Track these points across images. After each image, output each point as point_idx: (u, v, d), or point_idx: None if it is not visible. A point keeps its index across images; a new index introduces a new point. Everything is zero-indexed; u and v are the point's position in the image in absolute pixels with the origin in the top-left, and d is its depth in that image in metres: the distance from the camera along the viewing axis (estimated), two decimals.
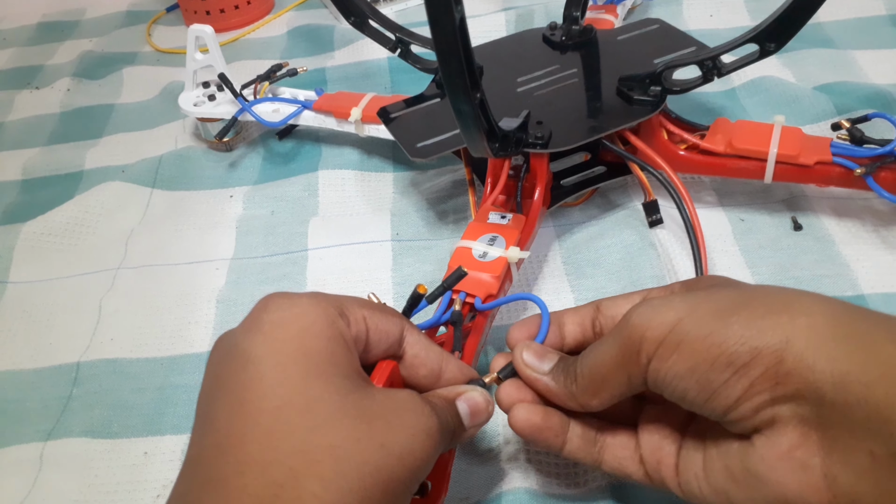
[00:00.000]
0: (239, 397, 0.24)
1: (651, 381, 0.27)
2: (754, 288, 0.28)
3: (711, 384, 0.25)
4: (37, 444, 0.42)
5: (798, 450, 0.24)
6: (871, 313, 0.25)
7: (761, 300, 0.26)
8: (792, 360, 0.24)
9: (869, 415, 0.23)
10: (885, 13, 0.69)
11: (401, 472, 0.24)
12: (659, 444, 0.30)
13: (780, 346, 0.24)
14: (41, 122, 0.72)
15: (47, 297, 0.51)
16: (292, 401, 0.24)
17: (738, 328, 0.25)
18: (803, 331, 0.24)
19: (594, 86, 0.50)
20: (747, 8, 0.73)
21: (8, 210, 0.60)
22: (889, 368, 0.23)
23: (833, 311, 0.25)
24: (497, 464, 0.38)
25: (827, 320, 0.24)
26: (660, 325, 0.26)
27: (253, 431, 0.23)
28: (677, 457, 0.30)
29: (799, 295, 0.26)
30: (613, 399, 0.29)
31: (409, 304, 0.34)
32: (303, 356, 0.25)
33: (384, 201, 0.56)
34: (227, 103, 0.61)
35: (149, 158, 0.63)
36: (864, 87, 0.59)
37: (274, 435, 0.23)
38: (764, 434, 0.25)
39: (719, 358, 0.25)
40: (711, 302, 0.26)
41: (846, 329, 0.24)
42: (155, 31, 0.87)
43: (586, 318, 0.34)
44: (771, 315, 0.25)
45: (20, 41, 0.89)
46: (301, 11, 0.85)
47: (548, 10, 0.75)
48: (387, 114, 0.50)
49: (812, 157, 0.45)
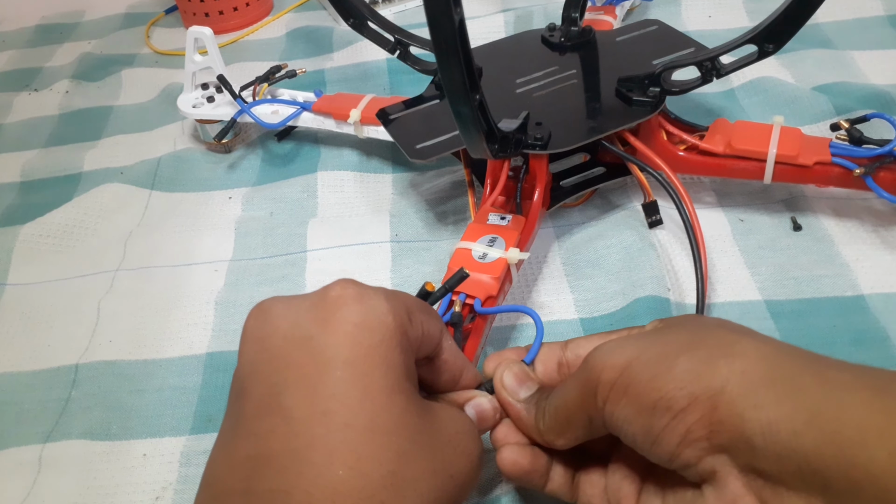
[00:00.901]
0: (322, 402, 0.23)
1: (607, 423, 0.27)
2: (708, 329, 0.27)
3: (653, 429, 0.25)
4: (35, 446, 0.42)
5: (742, 501, 0.24)
6: (805, 355, 0.25)
7: (708, 342, 0.25)
8: (725, 408, 0.23)
9: (800, 465, 0.22)
10: (883, 14, 0.69)
11: (458, 496, 0.25)
12: (619, 484, 0.30)
13: (715, 392, 0.24)
14: (40, 123, 0.72)
15: (46, 298, 0.51)
16: (380, 422, 0.23)
17: (680, 372, 0.25)
18: (737, 376, 0.24)
19: (593, 87, 0.50)
20: (746, 9, 0.73)
21: (6, 212, 0.60)
22: (815, 416, 0.22)
23: (768, 354, 0.24)
24: (496, 464, 0.37)
25: (759, 364, 0.24)
26: (612, 367, 0.26)
27: (340, 450, 0.22)
28: (637, 500, 0.29)
29: (742, 336, 0.26)
30: (578, 440, 0.29)
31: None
32: (387, 370, 0.24)
33: (383, 202, 0.56)
34: (225, 105, 0.61)
35: (147, 160, 0.63)
36: (863, 87, 0.59)
37: (363, 460, 0.22)
38: (710, 484, 0.25)
39: (660, 402, 0.25)
40: (660, 344, 0.26)
41: (776, 373, 0.24)
42: (154, 33, 0.87)
43: (552, 358, 0.33)
44: (712, 360, 0.25)
45: (19, 43, 0.89)
46: (300, 13, 0.85)
47: (547, 11, 0.75)
48: (386, 115, 0.50)
49: (811, 157, 0.45)
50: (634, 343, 0.27)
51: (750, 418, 0.23)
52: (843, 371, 0.24)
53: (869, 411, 0.22)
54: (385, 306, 0.25)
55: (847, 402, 0.22)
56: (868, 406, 0.22)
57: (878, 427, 0.21)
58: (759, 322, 0.43)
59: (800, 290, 0.44)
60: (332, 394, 0.23)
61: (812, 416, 0.22)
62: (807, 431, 0.22)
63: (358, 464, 0.22)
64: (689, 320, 0.30)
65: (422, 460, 0.23)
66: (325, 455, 0.22)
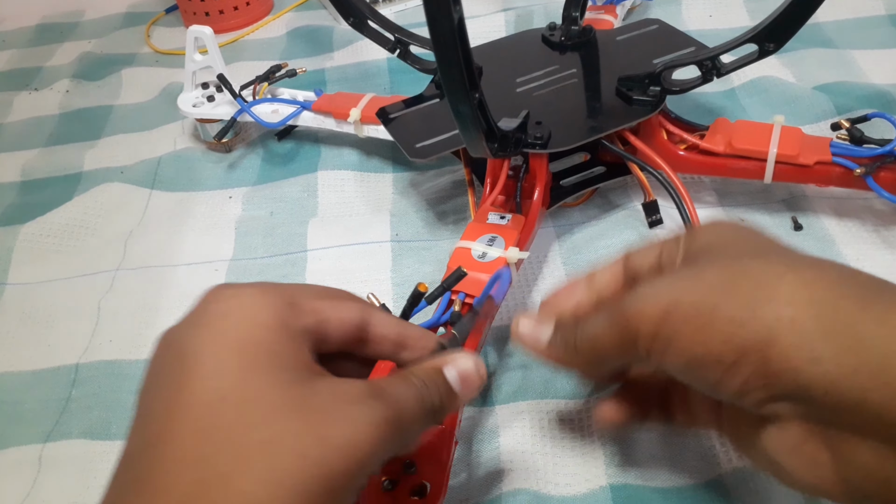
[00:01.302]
0: (174, 392, 0.23)
1: (656, 368, 0.27)
2: (745, 263, 0.26)
3: (708, 380, 0.25)
4: (35, 446, 0.42)
5: (805, 445, 0.24)
6: (861, 291, 0.24)
7: (747, 281, 0.25)
8: (777, 362, 0.23)
9: (868, 419, 0.22)
10: (884, 13, 0.69)
11: (344, 465, 0.23)
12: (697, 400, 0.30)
13: (764, 343, 0.23)
14: (40, 123, 0.72)
15: (46, 298, 0.51)
16: (228, 395, 0.23)
17: (723, 323, 0.24)
18: (786, 326, 0.23)
19: (593, 86, 0.50)
20: (746, 8, 0.73)
21: (7, 211, 0.60)
22: (882, 369, 0.22)
23: (818, 297, 0.23)
24: (497, 464, 0.37)
25: (810, 310, 0.23)
26: (650, 319, 0.26)
27: (184, 428, 0.22)
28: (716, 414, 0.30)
29: (786, 271, 0.25)
30: (617, 370, 0.31)
31: (409, 303, 0.34)
32: (243, 348, 0.24)
33: (383, 202, 0.56)
34: (226, 104, 0.61)
35: (148, 159, 0.63)
36: (864, 86, 0.59)
37: (206, 431, 0.22)
38: (775, 425, 0.25)
39: (707, 357, 0.24)
40: (697, 287, 0.26)
41: (831, 319, 0.23)
42: (154, 33, 0.87)
43: (618, 273, 0.32)
44: (756, 305, 0.24)
45: (19, 43, 0.89)
46: (300, 12, 0.85)
47: (547, 10, 0.75)
48: (386, 114, 0.50)
49: (812, 157, 0.45)
50: (669, 287, 0.26)
51: (808, 372, 0.22)
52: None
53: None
54: (249, 293, 0.25)
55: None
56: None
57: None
58: None
59: None
60: (182, 381, 0.23)
61: (878, 369, 0.21)
62: (874, 387, 0.21)
63: (199, 435, 0.22)
64: (722, 242, 0.28)
65: (278, 424, 0.22)
66: (169, 435, 0.22)
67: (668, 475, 0.36)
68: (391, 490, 0.31)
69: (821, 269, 0.25)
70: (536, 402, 0.40)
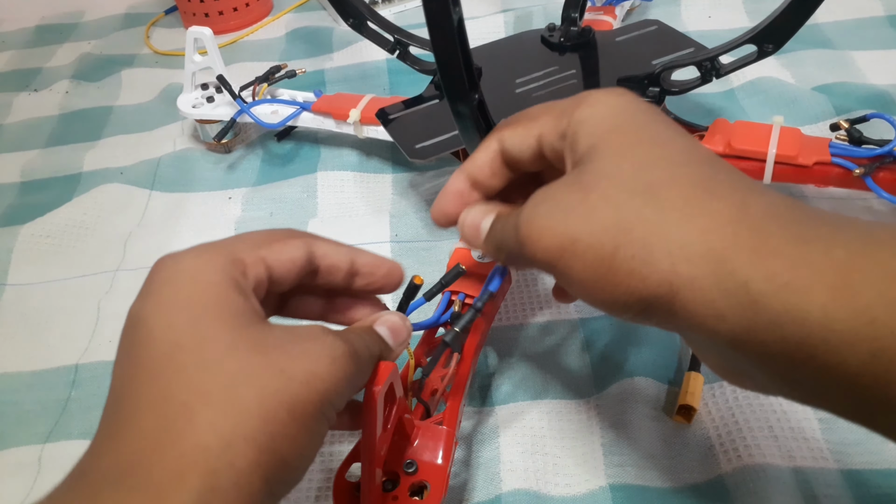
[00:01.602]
0: (133, 357, 0.24)
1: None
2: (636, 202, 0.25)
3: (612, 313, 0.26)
4: (35, 447, 0.42)
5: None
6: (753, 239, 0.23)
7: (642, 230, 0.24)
8: (683, 316, 0.23)
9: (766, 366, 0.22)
10: (883, 14, 0.69)
11: (307, 395, 0.23)
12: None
13: (668, 300, 0.23)
14: (40, 124, 0.72)
15: (46, 299, 0.51)
16: (181, 343, 0.23)
17: (622, 276, 0.24)
18: (687, 285, 0.23)
19: (593, 87, 0.50)
20: (746, 9, 0.73)
21: (6, 212, 0.60)
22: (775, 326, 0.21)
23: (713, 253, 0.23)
24: (496, 464, 0.38)
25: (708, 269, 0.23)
26: (545, 252, 0.26)
27: (144, 379, 0.23)
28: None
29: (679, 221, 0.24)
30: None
31: (405, 296, 0.34)
32: (190, 305, 0.24)
33: (383, 202, 0.56)
34: (225, 105, 0.61)
35: (147, 160, 0.63)
36: (863, 87, 0.59)
37: (163, 377, 0.23)
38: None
39: (612, 304, 0.25)
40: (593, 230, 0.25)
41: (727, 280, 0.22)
42: (153, 34, 0.87)
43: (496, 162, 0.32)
44: (654, 259, 0.23)
45: (19, 43, 0.89)
46: (300, 13, 0.85)
47: (546, 11, 0.75)
48: (385, 115, 0.50)
49: (811, 157, 0.45)
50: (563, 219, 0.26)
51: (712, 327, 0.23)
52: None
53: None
54: (190, 257, 0.26)
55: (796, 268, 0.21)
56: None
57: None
58: None
59: None
60: (137, 346, 0.24)
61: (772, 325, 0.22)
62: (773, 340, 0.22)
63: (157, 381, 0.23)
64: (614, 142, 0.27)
65: (236, 361, 0.23)
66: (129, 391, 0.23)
67: (668, 475, 0.36)
68: (391, 490, 0.31)
69: (716, 210, 0.24)
70: (536, 402, 0.40)
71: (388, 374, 0.28)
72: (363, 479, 0.30)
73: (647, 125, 0.27)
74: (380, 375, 0.28)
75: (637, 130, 0.27)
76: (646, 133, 0.27)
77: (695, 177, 0.25)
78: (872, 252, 0.21)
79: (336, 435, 0.40)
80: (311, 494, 0.37)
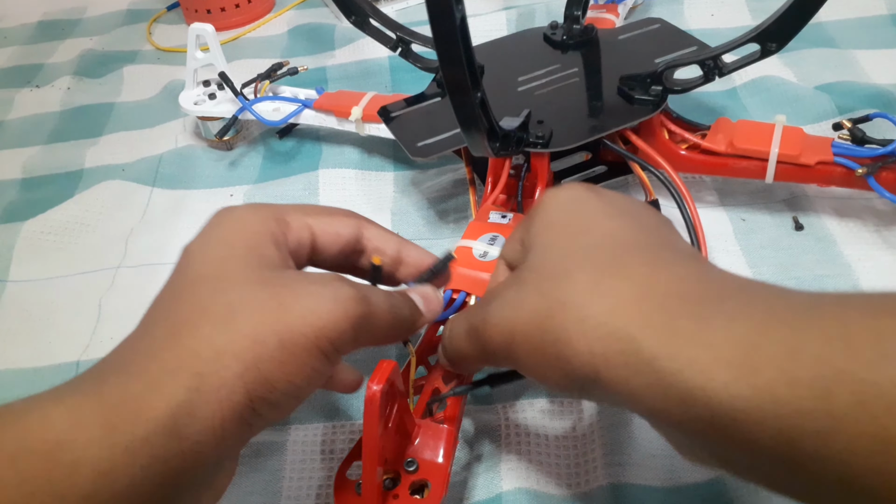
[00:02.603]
0: (169, 282, 0.28)
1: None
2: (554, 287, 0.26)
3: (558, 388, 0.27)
4: None
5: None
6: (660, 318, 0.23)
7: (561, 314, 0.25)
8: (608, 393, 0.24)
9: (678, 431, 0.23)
10: (886, 13, 0.69)
11: (301, 328, 0.26)
12: None
13: (591, 379, 0.24)
14: (41, 120, 0.72)
15: (47, 295, 0.51)
16: (206, 274, 0.27)
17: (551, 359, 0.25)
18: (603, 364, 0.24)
19: (595, 85, 0.50)
20: (749, 7, 0.73)
21: (8, 209, 0.60)
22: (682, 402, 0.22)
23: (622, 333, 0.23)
24: (497, 464, 0.38)
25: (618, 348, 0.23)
26: (499, 345, 0.28)
27: (167, 301, 0.27)
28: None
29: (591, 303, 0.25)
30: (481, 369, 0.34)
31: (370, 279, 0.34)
32: (227, 244, 0.28)
33: (385, 200, 0.56)
34: (227, 102, 0.61)
35: (149, 157, 0.63)
36: (866, 86, 0.59)
37: (182, 299, 0.27)
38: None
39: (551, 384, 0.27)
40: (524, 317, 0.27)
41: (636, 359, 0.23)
42: (155, 30, 0.87)
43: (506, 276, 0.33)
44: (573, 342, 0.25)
45: (21, 40, 0.88)
46: (302, 10, 0.85)
47: (549, 9, 0.75)
48: (387, 113, 0.50)
49: (813, 156, 0.45)
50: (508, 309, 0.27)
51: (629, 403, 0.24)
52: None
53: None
54: (242, 209, 0.30)
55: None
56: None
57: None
58: None
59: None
60: (176, 274, 0.28)
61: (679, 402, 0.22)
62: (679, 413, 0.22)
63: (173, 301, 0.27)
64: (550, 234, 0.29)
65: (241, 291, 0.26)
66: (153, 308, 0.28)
67: (668, 475, 0.36)
68: (392, 488, 0.31)
69: (622, 289, 0.25)
70: (537, 400, 0.40)
71: (389, 372, 0.28)
72: (364, 478, 0.30)
73: (579, 215, 0.29)
74: (380, 374, 0.28)
75: (568, 223, 0.29)
76: (575, 223, 0.29)
77: (605, 257, 0.26)
78: (773, 328, 0.21)
79: (336, 434, 0.40)
80: (312, 493, 0.38)
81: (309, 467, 0.39)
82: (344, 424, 0.40)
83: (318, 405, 0.42)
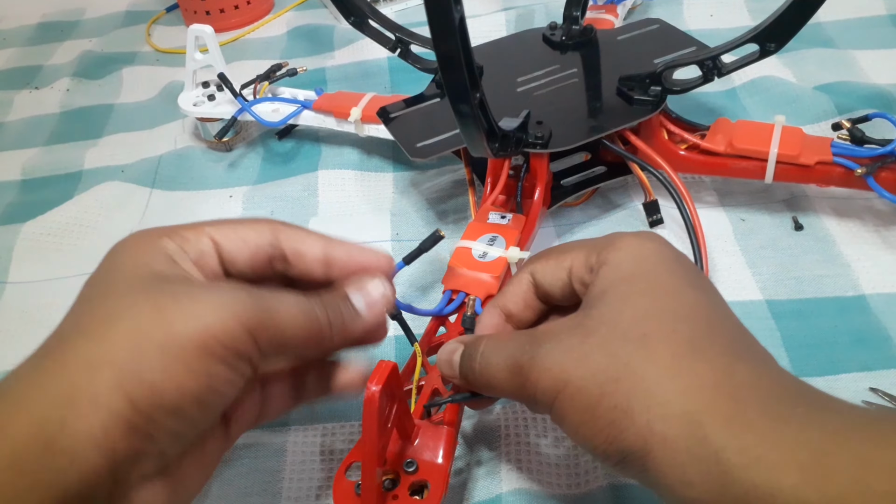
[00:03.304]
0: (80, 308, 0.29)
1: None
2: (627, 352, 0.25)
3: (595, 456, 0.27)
4: None
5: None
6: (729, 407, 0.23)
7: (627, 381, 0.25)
8: (654, 475, 0.24)
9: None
10: (885, 13, 0.69)
11: (184, 332, 0.25)
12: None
13: (641, 456, 0.24)
14: (41, 122, 0.72)
15: (46, 297, 0.51)
16: (89, 294, 0.28)
17: (604, 423, 0.25)
18: (660, 444, 0.23)
19: (594, 86, 0.50)
20: (748, 8, 0.73)
21: (7, 210, 0.60)
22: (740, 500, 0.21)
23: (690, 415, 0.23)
24: (497, 464, 0.37)
25: (682, 431, 0.23)
26: (544, 393, 0.27)
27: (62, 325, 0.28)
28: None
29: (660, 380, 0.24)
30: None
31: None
32: (112, 265, 0.29)
33: (384, 201, 0.56)
34: (226, 103, 0.61)
35: (148, 158, 0.63)
36: (865, 86, 0.59)
37: (67, 322, 0.28)
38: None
39: (593, 449, 0.26)
40: (584, 373, 0.26)
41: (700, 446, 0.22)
42: (154, 31, 0.87)
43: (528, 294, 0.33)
44: (633, 412, 0.24)
45: (20, 41, 0.88)
46: (301, 11, 0.85)
47: (548, 9, 0.75)
48: (386, 113, 0.50)
49: (813, 157, 0.45)
50: (563, 359, 0.26)
51: (679, 493, 0.23)
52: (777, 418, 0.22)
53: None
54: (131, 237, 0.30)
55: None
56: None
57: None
58: (760, 322, 0.43)
59: (801, 290, 0.44)
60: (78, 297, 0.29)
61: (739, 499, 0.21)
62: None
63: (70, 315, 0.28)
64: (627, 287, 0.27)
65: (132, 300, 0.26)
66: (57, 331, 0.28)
67: None
68: (391, 489, 0.31)
69: (700, 372, 0.24)
70: None
71: (388, 372, 0.28)
72: (363, 479, 0.30)
73: (661, 275, 0.27)
74: (379, 374, 0.28)
75: (648, 280, 0.27)
76: (657, 283, 0.27)
77: (689, 334, 0.25)
78: (847, 437, 0.21)
79: (336, 434, 0.40)
80: (312, 493, 0.37)
81: (308, 468, 0.39)
82: (343, 425, 0.40)
83: (317, 406, 0.42)
